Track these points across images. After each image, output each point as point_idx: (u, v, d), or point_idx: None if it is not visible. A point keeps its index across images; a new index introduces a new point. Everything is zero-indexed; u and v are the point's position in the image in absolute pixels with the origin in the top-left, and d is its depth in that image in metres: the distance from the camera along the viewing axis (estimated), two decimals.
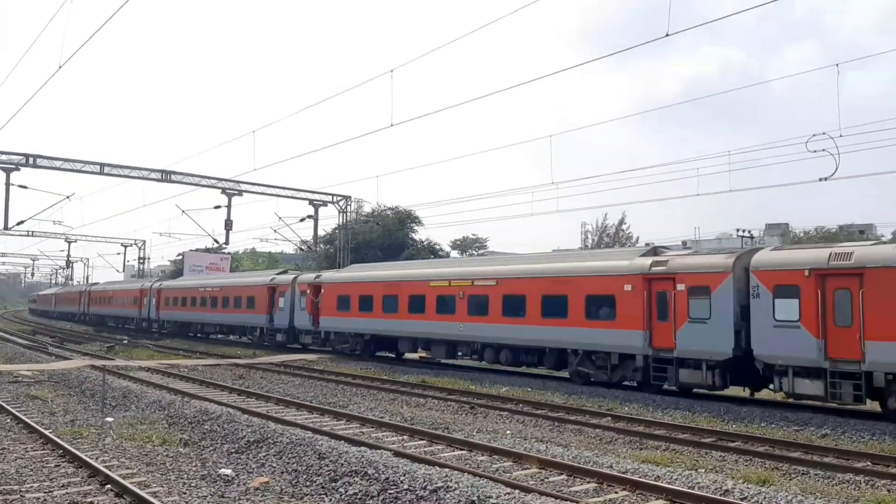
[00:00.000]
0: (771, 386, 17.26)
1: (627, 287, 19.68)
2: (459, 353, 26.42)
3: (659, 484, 9.95)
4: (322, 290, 32.82)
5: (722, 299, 17.69)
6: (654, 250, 20.99)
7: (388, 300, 28.67)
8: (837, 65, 19.90)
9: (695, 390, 19.24)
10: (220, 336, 44.82)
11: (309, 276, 34.91)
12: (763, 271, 17.03)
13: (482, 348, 24.71)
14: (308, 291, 33.67)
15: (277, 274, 38.50)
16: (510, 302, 23.37)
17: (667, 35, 14.24)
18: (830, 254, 16.20)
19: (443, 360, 28.49)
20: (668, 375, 18.94)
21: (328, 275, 34.01)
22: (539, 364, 23.35)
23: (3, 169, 35.46)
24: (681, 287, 18.52)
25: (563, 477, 10.71)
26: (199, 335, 45.90)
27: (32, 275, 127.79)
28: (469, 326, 24.85)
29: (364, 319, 29.94)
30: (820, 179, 22.08)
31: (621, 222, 63.16)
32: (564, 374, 22.57)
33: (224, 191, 40.67)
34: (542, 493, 9.27)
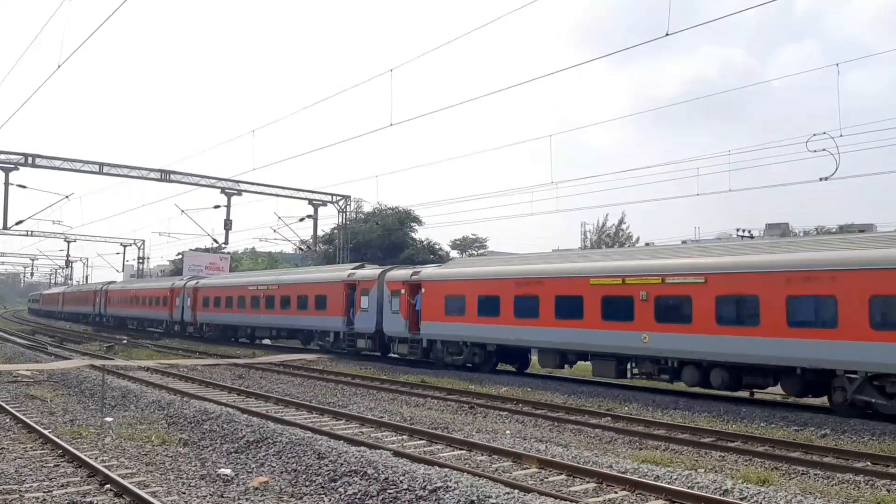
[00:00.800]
0: None
1: None
2: (636, 372, 20.59)
3: (658, 484, 9.94)
4: (423, 289, 27.25)
5: None
6: None
7: (522, 302, 23.09)
8: (837, 64, 19.86)
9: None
10: (275, 342, 40.32)
11: (403, 273, 29.35)
12: None
13: (679, 366, 19.11)
14: (403, 290, 28.14)
15: (355, 268, 33.09)
16: (731, 305, 17.97)
17: (666, 35, 14.24)
18: None
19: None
20: None
21: (430, 271, 28.63)
22: (773, 385, 18.31)
23: (2, 168, 35.50)
24: None
25: (563, 477, 10.70)
26: (244, 340, 41.27)
27: (32, 274, 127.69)
28: (658, 338, 19.09)
29: (486, 325, 24.43)
30: (820, 179, 22.07)
31: (621, 222, 62.96)
32: (811, 401, 18.28)
33: (223, 190, 40.73)
34: (541, 493, 9.27)
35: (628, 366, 20.56)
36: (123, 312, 57.74)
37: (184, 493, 9.57)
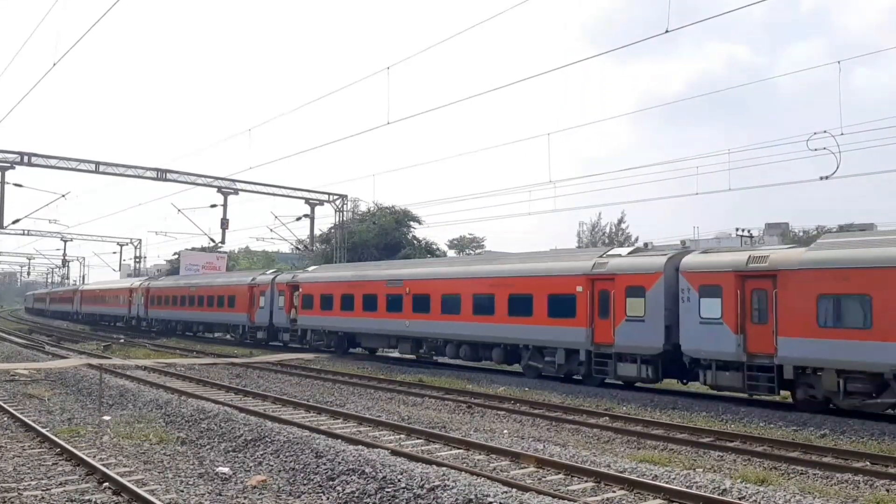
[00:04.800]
0: None
1: None
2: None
3: (657, 483, 9.94)
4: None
5: None
6: None
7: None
8: (839, 62, 19.72)
9: None
10: None
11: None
12: None
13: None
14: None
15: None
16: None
17: (666, 31, 14.24)
18: None
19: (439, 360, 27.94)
20: None
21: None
22: None
23: None
24: None
25: (561, 476, 10.70)
26: None
27: (28, 274, 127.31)
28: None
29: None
30: (821, 178, 22.00)
31: (620, 221, 62.95)
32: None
33: (220, 189, 40.57)
34: (539, 492, 9.26)
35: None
36: (368, 325, 30.28)
37: (182, 492, 9.56)
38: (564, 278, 21.87)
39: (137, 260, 77.31)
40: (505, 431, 14.59)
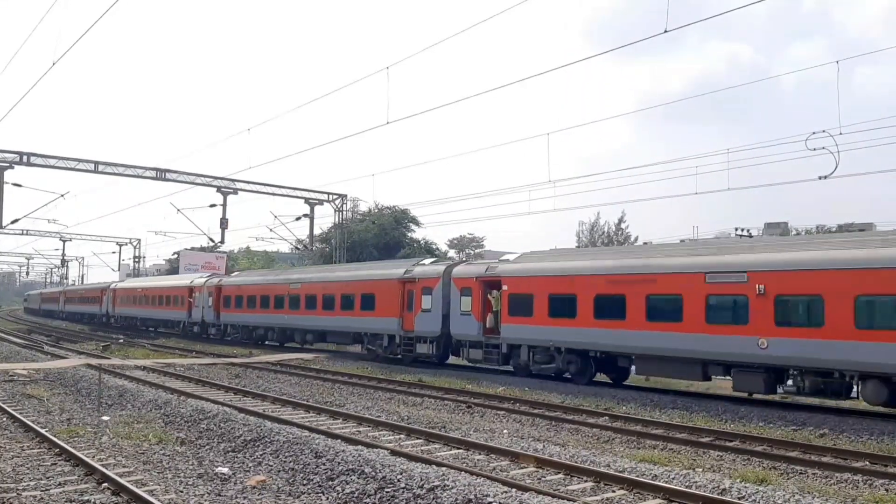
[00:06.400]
0: None
1: None
2: None
3: (656, 483, 9.94)
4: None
5: None
6: None
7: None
8: (837, 62, 19.68)
9: None
10: None
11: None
12: None
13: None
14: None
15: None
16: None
17: (665, 31, 14.24)
18: None
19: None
20: None
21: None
22: None
23: None
24: None
25: (561, 476, 10.69)
26: None
27: (27, 274, 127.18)
28: None
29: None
30: (819, 178, 21.97)
31: (621, 220, 62.72)
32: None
33: (219, 189, 40.53)
34: (539, 492, 9.25)
35: None
36: (652, 341, 19.63)
37: (181, 492, 9.55)
38: None
39: (137, 260, 77.31)
40: (504, 431, 14.58)
